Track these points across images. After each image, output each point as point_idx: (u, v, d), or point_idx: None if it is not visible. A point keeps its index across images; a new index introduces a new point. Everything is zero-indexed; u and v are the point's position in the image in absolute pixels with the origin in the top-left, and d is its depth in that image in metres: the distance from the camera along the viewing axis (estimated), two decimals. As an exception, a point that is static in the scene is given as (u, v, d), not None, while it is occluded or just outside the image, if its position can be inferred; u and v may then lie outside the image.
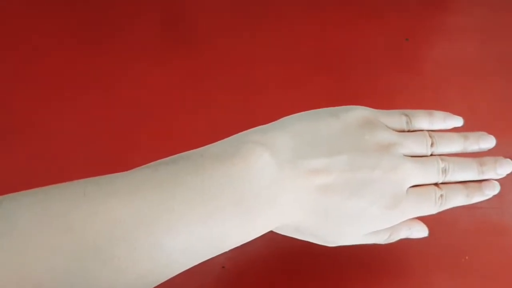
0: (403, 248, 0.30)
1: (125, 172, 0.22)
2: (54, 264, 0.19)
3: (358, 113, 0.26)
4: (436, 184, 0.26)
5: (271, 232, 0.25)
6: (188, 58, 0.41)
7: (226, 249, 0.23)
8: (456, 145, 0.27)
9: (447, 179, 0.26)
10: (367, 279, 0.30)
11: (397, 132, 0.26)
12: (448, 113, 0.28)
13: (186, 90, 0.39)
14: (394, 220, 0.26)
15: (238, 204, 0.22)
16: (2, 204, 0.20)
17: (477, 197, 0.27)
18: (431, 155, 0.27)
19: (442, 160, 0.26)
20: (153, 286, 0.22)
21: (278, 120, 0.26)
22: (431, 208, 0.26)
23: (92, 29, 0.42)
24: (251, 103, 0.38)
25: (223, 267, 0.29)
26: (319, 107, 0.27)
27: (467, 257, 0.31)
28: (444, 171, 0.26)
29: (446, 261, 0.30)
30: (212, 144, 0.24)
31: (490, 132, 0.28)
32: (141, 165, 0.24)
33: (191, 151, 0.24)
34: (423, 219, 0.27)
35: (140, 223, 0.20)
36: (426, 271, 0.30)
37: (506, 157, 0.27)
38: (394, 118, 0.27)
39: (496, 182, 0.27)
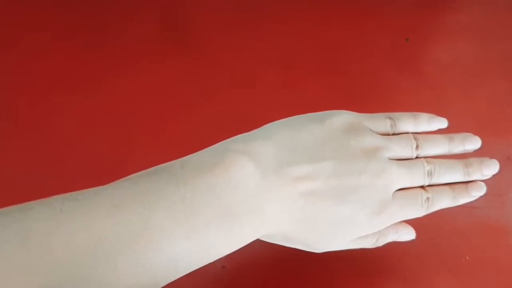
0: (403, 248, 0.30)
1: (105, 186, 0.22)
2: (35, 283, 0.18)
3: (342, 118, 0.25)
4: (422, 187, 0.26)
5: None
6: (187, 57, 0.41)
7: (212, 260, 0.23)
8: (441, 147, 0.27)
9: (433, 182, 0.26)
10: (368, 279, 0.30)
11: (381, 136, 0.26)
12: (433, 115, 0.28)
13: (185, 89, 0.38)
14: (381, 224, 0.25)
15: (222, 216, 0.22)
16: None
17: (463, 199, 0.27)
18: (417, 157, 0.26)
19: (427, 162, 0.26)
20: None
21: (261, 128, 0.25)
22: (418, 211, 0.26)
23: (89, 28, 0.42)
24: (250, 102, 0.38)
25: (223, 267, 0.29)
26: (318, 107, 0.26)
27: (467, 257, 0.31)
28: (430, 173, 0.26)
29: (446, 261, 0.30)
30: (193, 154, 0.24)
31: (490, 132, 0.28)
32: (140, 164, 0.23)
33: (171, 162, 0.23)
34: (421, 220, 0.27)
35: (121, 240, 0.20)
36: (426, 271, 0.30)
37: (506, 157, 0.27)
38: (379, 122, 0.26)
39: (482, 183, 0.27)
